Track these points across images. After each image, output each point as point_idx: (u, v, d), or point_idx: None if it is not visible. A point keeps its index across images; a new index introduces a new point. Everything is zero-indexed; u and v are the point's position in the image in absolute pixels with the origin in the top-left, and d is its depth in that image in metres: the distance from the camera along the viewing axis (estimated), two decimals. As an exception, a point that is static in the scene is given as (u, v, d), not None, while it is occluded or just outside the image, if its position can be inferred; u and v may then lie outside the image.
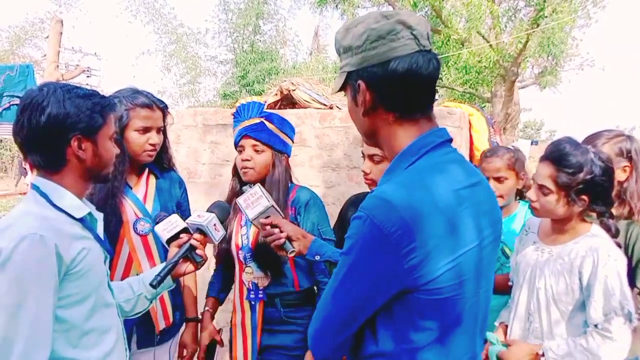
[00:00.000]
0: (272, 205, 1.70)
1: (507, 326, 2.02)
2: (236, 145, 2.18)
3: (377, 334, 1.10)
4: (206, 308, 2.31)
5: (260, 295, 2.12)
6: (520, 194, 2.54)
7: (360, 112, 1.15)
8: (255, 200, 1.71)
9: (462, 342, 1.12)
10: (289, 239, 1.65)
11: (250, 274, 2.14)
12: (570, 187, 1.77)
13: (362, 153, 2.10)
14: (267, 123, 2.13)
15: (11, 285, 1.23)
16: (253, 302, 2.13)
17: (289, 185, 2.19)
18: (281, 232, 1.66)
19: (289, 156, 2.24)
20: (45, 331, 1.27)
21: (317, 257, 1.62)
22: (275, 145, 2.14)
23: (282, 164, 2.16)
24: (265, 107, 2.20)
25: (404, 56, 1.07)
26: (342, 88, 1.19)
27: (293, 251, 1.65)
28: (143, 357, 2.08)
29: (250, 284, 2.14)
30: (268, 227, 1.67)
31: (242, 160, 2.12)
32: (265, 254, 2.06)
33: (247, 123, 2.13)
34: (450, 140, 1.18)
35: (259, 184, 1.85)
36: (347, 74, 1.15)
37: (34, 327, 1.24)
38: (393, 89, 1.09)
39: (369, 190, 2.18)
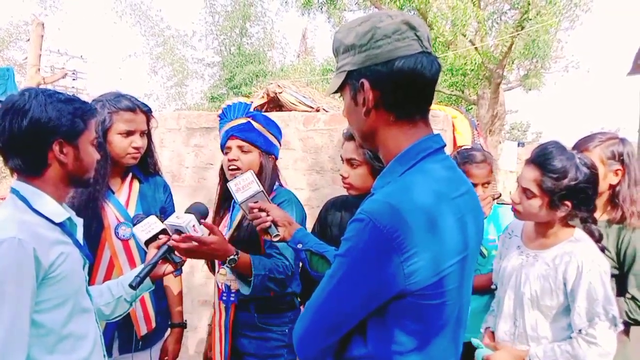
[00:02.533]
0: (262, 191, 1.72)
1: (492, 332, 2.02)
2: (222, 147, 2.14)
3: (367, 336, 1.10)
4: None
5: (232, 298, 2.09)
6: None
7: (361, 111, 1.13)
8: (246, 185, 1.71)
9: (446, 345, 1.13)
10: (275, 223, 1.65)
11: (223, 276, 2.12)
12: (554, 192, 1.77)
13: (341, 157, 2.09)
14: (253, 123, 2.09)
15: None
16: (225, 305, 2.11)
17: (274, 187, 2.15)
18: (268, 216, 1.66)
19: (276, 158, 2.19)
20: (21, 335, 1.27)
21: (300, 246, 1.60)
22: (262, 145, 2.10)
23: (269, 165, 2.12)
24: (252, 108, 2.18)
25: (409, 56, 1.06)
26: (340, 88, 1.17)
27: (277, 235, 1.64)
28: (125, 362, 2.05)
29: (223, 286, 2.12)
30: (255, 211, 1.67)
31: (229, 161, 2.08)
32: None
33: (233, 123, 2.10)
34: (444, 146, 1.18)
35: (251, 170, 1.83)
36: (347, 73, 1.13)
37: (9, 331, 1.24)
38: (397, 88, 1.08)
39: (347, 194, 2.17)
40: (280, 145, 2.23)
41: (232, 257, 1.84)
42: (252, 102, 2.16)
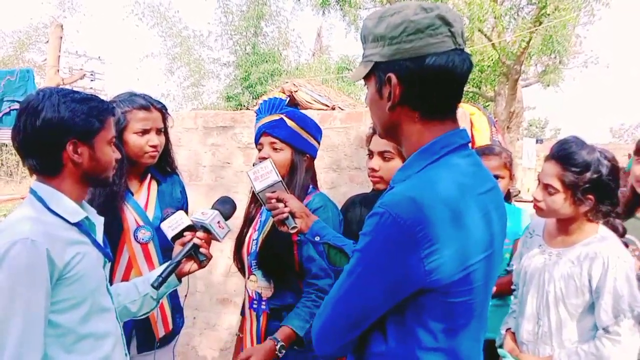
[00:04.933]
0: (280, 181, 1.68)
1: (513, 333, 1.99)
2: (256, 143, 2.07)
3: (387, 333, 1.08)
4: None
5: (263, 307, 2.00)
6: (507, 196, 2.51)
7: (385, 105, 1.10)
8: (264, 174, 1.67)
9: (469, 345, 1.10)
10: (293, 215, 1.62)
11: (254, 282, 2.03)
12: (577, 186, 1.75)
13: (369, 150, 2.04)
14: (287, 120, 1.99)
15: (2, 289, 1.24)
16: (256, 313, 2.02)
17: (309, 189, 2.06)
18: (285, 207, 1.63)
19: (313, 157, 2.10)
20: (37, 335, 1.27)
21: (317, 238, 1.56)
22: (295, 143, 2.00)
23: (302, 165, 2.03)
24: None
25: (441, 53, 1.04)
26: (365, 78, 1.14)
27: (294, 227, 1.61)
28: (143, 360, 2.06)
29: (254, 294, 2.03)
30: (273, 201, 1.64)
31: (259, 159, 2.00)
32: (269, 258, 1.98)
33: (266, 120, 2.02)
34: (469, 142, 1.15)
35: (270, 158, 1.79)
36: (375, 64, 1.09)
37: (24, 332, 1.25)
38: (425, 85, 1.05)
39: (368, 192, 2.14)
40: (319, 144, 2.12)
41: (279, 345, 1.82)
42: (288, 96, 2.10)
